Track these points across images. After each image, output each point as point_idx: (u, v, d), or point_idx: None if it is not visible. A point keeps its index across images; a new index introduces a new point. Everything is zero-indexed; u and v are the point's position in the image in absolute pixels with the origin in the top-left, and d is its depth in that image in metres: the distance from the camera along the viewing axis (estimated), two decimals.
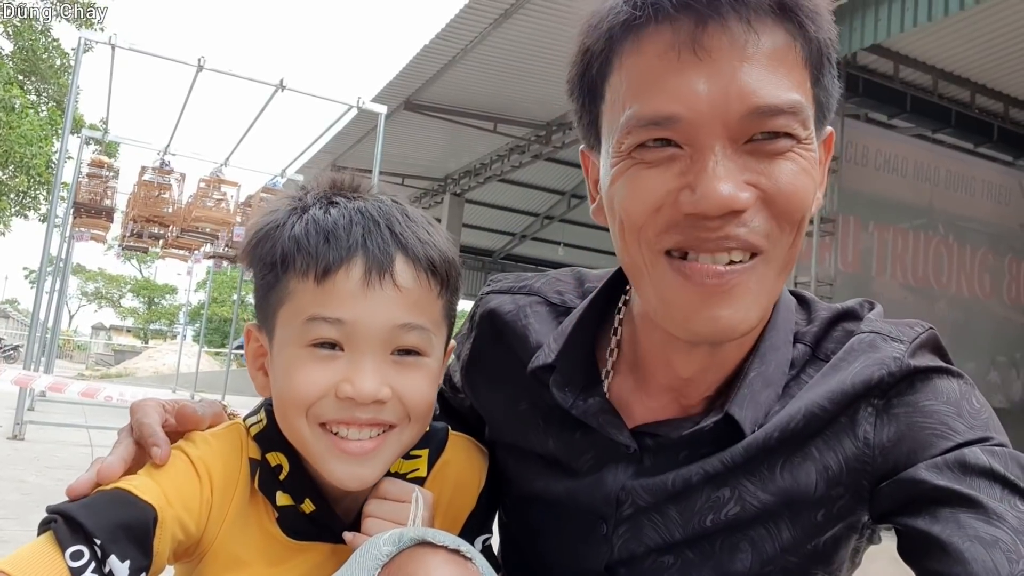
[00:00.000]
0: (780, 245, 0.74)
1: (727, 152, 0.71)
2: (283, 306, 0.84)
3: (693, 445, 0.82)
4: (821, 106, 0.77)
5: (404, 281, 0.83)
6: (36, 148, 16.38)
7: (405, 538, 0.70)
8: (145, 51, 7.48)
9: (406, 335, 0.83)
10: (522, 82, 9.55)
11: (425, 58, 9.04)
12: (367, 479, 0.84)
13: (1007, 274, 8.38)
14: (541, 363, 0.90)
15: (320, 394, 0.81)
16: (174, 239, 11.01)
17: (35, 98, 18.34)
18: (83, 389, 5.40)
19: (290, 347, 0.83)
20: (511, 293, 1.01)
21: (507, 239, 18.29)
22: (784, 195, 0.72)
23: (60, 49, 17.99)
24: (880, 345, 0.80)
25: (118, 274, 50.80)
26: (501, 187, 14.58)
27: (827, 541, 0.80)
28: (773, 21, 0.71)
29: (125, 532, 0.72)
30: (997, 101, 8.10)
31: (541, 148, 11.38)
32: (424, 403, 0.86)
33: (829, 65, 0.76)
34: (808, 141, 0.74)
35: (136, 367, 31.22)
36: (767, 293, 0.76)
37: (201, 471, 0.82)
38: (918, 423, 0.75)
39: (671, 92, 0.70)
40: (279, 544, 0.86)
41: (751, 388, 0.81)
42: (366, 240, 0.82)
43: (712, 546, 0.81)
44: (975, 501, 0.68)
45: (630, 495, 0.84)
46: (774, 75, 0.70)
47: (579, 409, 0.87)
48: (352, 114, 8.61)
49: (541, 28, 8.03)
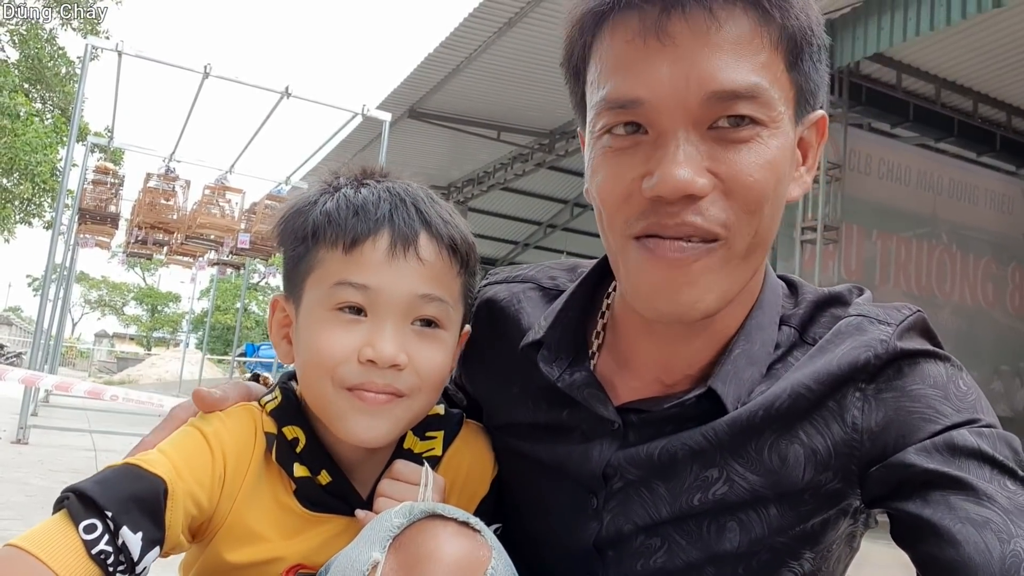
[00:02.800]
0: (740, 233, 0.75)
1: (690, 137, 0.73)
2: (312, 273, 0.89)
3: (677, 420, 0.83)
4: (802, 91, 0.78)
5: (427, 255, 0.88)
6: (41, 155, 16.44)
7: (416, 511, 0.71)
8: (151, 58, 7.53)
9: (426, 305, 0.88)
10: (526, 90, 9.59)
11: (429, 66, 9.09)
12: (380, 434, 0.86)
13: (1010, 283, 8.38)
14: (531, 339, 0.93)
15: (344, 356, 0.85)
16: (178, 246, 11.05)
17: (40, 106, 18.41)
18: (88, 388, 5.43)
19: (316, 310, 0.88)
20: (506, 282, 1.04)
21: (510, 247, 18.32)
22: (742, 184, 0.73)
23: (66, 57, 18.08)
24: (867, 328, 0.81)
25: (121, 281, 50.88)
26: (504, 195, 14.61)
27: (816, 524, 0.81)
28: (738, 8, 0.73)
29: (136, 504, 0.74)
30: (1000, 110, 8.13)
31: (544, 156, 11.41)
32: (437, 373, 0.89)
33: (808, 49, 0.77)
34: (775, 126, 0.74)
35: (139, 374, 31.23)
36: (729, 277, 0.77)
37: (214, 446, 0.84)
38: (906, 407, 0.76)
39: (636, 76, 0.73)
40: (295, 516, 0.88)
41: (735, 365, 0.82)
42: (393, 215, 0.88)
43: (699, 527, 0.82)
44: (965, 483, 0.69)
45: (618, 470, 0.85)
46: (735, 60, 0.72)
47: (565, 383, 0.89)
48: (357, 122, 8.66)
49: (545, 37, 8.06)
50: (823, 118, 0.84)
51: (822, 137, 0.85)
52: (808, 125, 0.82)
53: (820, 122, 0.84)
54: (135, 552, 0.73)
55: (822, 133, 0.85)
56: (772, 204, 0.76)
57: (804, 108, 0.80)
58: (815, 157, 0.85)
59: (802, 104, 0.79)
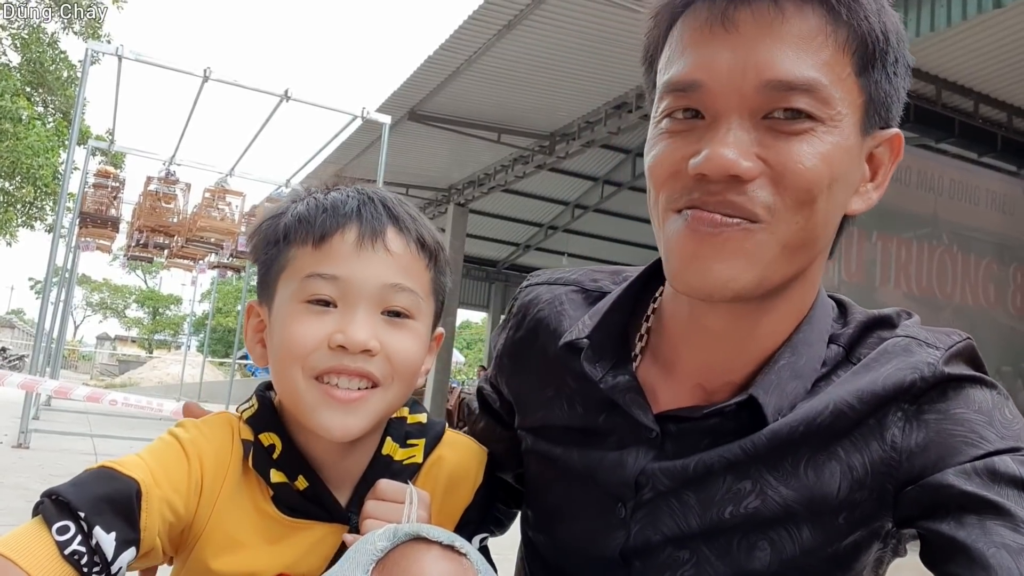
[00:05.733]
0: (785, 221, 0.74)
1: (744, 124, 0.73)
2: (283, 272, 0.90)
3: (715, 432, 0.82)
4: (872, 100, 0.77)
5: (395, 247, 0.90)
6: (43, 159, 16.46)
7: (400, 533, 0.71)
8: (152, 62, 7.53)
9: (396, 295, 0.89)
10: (526, 93, 9.59)
11: (429, 69, 9.09)
12: (353, 429, 0.86)
13: (1012, 283, 8.36)
14: (575, 337, 0.92)
15: (315, 345, 0.85)
16: (179, 249, 11.07)
17: (42, 110, 18.44)
18: (88, 393, 5.44)
19: (288, 304, 0.88)
20: (548, 284, 1.04)
21: (511, 249, 18.32)
22: (792, 172, 0.73)
23: (67, 61, 18.10)
24: (915, 350, 0.79)
25: (123, 284, 50.96)
26: (505, 197, 14.62)
27: (848, 546, 0.79)
28: (807, 5, 0.74)
29: (109, 505, 0.74)
30: (1000, 111, 8.11)
31: (545, 158, 11.41)
32: (409, 362, 0.90)
33: (882, 58, 0.76)
34: (833, 124, 0.74)
35: (140, 377, 31.28)
36: (765, 262, 0.75)
37: (191, 453, 0.84)
38: (948, 430, 0.74)
39: (697, 60, 0.75)
40: (274, 523, 0.88)
41: (779, 376, 0.80)
42: (361, 210, 0.90)
43: (730, 543, 0.81)
44: (1003, 508, 0.67)
45: (650, 479, 0.84)
46: (796, 53, 0.73)
47: (607, 384, 0.88)
48: (356, 124, 8.66)
49: (545, 39, 8.07)
50: (898, 136, 0.82)
51: (896, 155, 0.82)
52: (880, 141, 0.81)
53: (895, 140, 0.82)
54: (108, 552, 0.73)
55: (896, 152, 0.82)
56: (826, 201, 0.75)
57: (874, 119, 0.78)
58: (886, 176, 0.82)
59: (871, 114, 0.78)
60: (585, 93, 9.42)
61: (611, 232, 15.74)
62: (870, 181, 0.82)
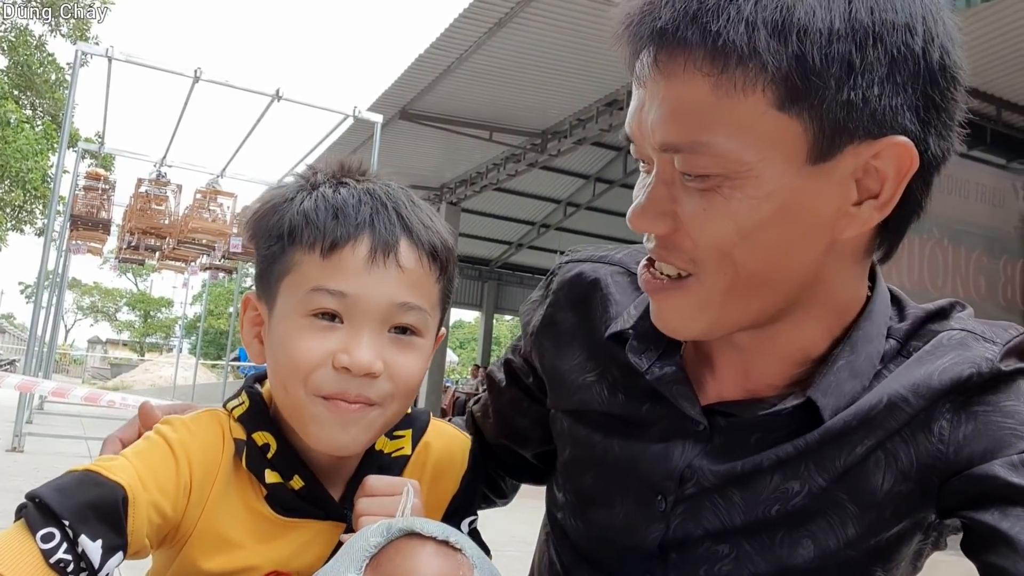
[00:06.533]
0: (710, 272, 0.75)
1: (666, 180, 0.75)
2: (287, 276, 0.86)
3: (766, 429, 0.80)
4: (828, 122, 0.69)
5: (407, 262, 0.86)
6: (32, 162, 16.37)
7: (393, 529, 0.70)
8: (142, 62, 7.50)
9: (405, 314, 0.86)
10: (517, 91, 9.58)
11: (420, 67, 9.07)
12: (354, 442, 0.86)
13: (1002, 276, 8.39)
14: (620, 328, 0.91)
15: (318, 362, 0.83)
16: (170, 251, 11.01)
17: (30, 112, 18.34)
18: (86, 394, 5.44)
19: (291, 316, 0.85)
20: (591, 262, 1.01)
21: (504, 248, 18.30)
22: (694, 229, 0.74)
23: (55, 64, 18.01)
24: (971, 344, 0.78)
25: (114, 288, 50.71)
26: (497, 196, 14.60)
27: (890, 538, 0.78)
28: (684, 62, 0.71)
29: (95, 512, 0.73)
30: (990, 104, 8.14)
31: (537, 156, 11.40)
32: (413, 381, 0.88)
33: (826, 73, 0.67)
34: (741, 176, 0.70)
35: (133, 380, 31.17)
36: (711, 308, 0.76)
37: (179, 453, 0.83)
38: (997, 422, 0.73)
39: (630, 110, 0.78)
40: (268, 522, 0.87)
41: (837, 376, 0.78)
42: (374, 220, 0.85)
43: (772, 539, 0.79)
44: None
45: (696, 474, 0.83)
46: (674, 114, 0.72)
47: (653, 375, 0.87)
48: (348, 124, 8.63)
49: (536, 37, 8.06)
50: (899, 145, 0.70)
51: (903, 165, 0.71)
52: (873, 153, 0.70)
53: (896, 149, 0.70)
54: (95, 560, 0.72)
55: (902, 160, 0.71)
56: (747, 250, 0.72)
57: (837, 140, 0.69)
58: (892, 189, 0.72)
59: (829, 136, 0.69)
60: (576, 90, 9.41)
61: (604, 230, 15.74)
62: (872, 198, 0.73)
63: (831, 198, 0.72)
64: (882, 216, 0.74)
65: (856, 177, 0.72)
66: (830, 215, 0.72)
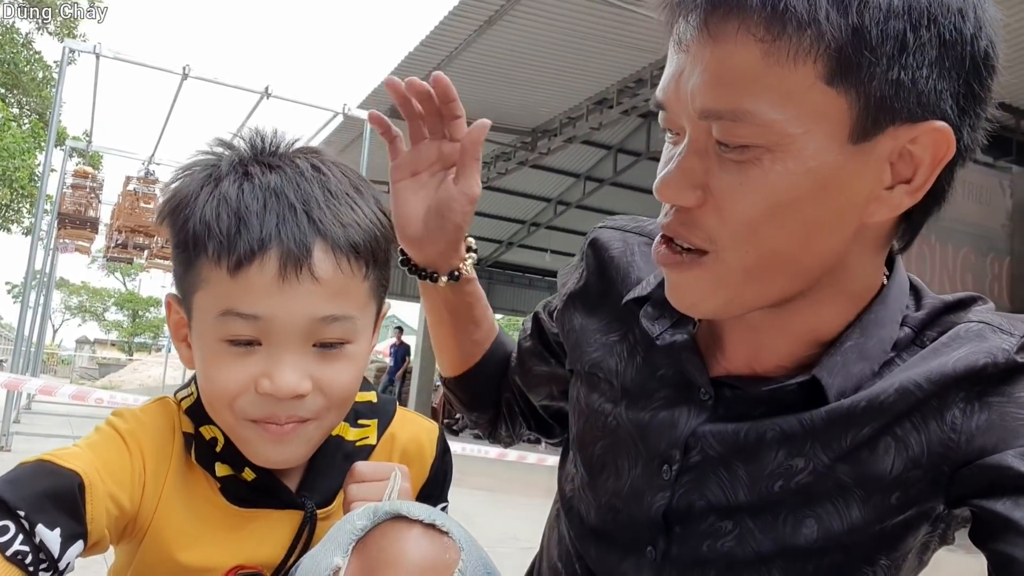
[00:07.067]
0: (731, 250, 0.74)
1: (699, 149, 0.73)
2: (198, 291, 0.81)
3: (771, 403, 0.81)
4: (873, 100, 0.67)
5: (323, 272, 0.79)
6: (19, 161, 16.26)
7: (380, 512, 0.70)
8: (129, 60, 7.45)
9: (327, 328, 0.80)
10: (507, 89, 9.58)
11: (410, 65, 9.06)
12: (292, 459, 0.84)
13: (989, 273, 8.45)
14: (637, 295, 0.92)
15: (239, 390, 0.79)
16: (159, 249, 10.94)
17: (17, 111, 18.22)
18: (74, 392, 5.43)
19: (207, 339, 0.81)
20: (623, 231, 1.03)
21: (494, 247, 18.29)
22: (728, 201, 0.72)
23: (42, 62, 17.89)
24: (988, 335, 0.77)
25: (102, 287, 50.38)
26: (487, 194, 14.58)
27: (896, 526, 0.78)
28: (736, 25, 0.69)
29: (51, 501, 0.72)
30: None
31: (527, 155, 11.40)
32: (347, 392, 0.85)
33: (879, 51, 0.66)
34: (783, 148, 0.69)
35: (121, 380, 30.99)
36: (727, 287, 0.76)
37: (131, 445, 0.81)
38: (1011, 413, 0.73)
39: (665, 77, 0.76)
40: (225, 513, 0.85)
41: (845, 357, 0.78)
42: (280, 230, 0.77)
43: (776, 517, 0.79)
44: None
45: (700, 441, 0.83)
46: (719, 81, 0.70)
47: (665, 341, 0.88)
48: (338, 121, 8.61)
49: (526, 35, 8.06)
50: (938, 131, 0.70)
51: (939, 151, 0.71)
52: (911, 137, 0.70)
53: (934, 134, 0.70)
54: (54, 549, 0.71)
55: (939, 147, 0.71)
56: (775, 227, 0.71)
57: (881, 119, 0.69)
58: (927, 176, 0.72)
59: (873, 116, 0.69)
60: (566, 89, 9.42)
61: None
62: (904, 183, 0.73)
63: (867, 180, 0.72)
64: (913, 202, 0.74)
65: (891, 160, 0.72)
66: (863, 197, 0.72)
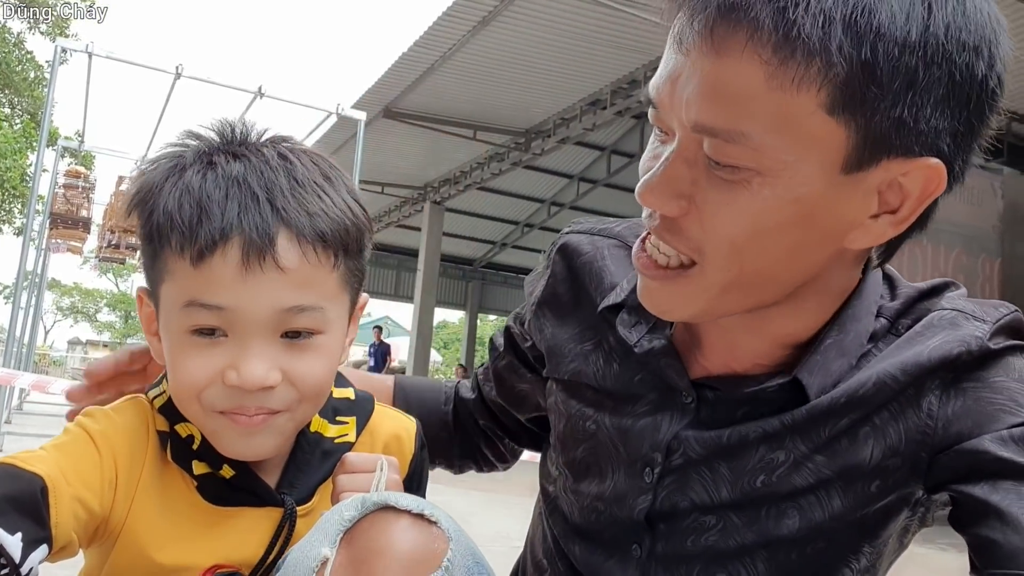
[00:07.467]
0: (715, 266, 0.73)
1: (687, 156, 0.72)
2: (164, 283, 0.80)
3: (752, 404, 0.81)
4: (871, 133, 0.67)
5: (288, 261, 0.76)
6: (10, 161, 16.20)
7: (368, 503, 0.70)
8: (122, 59, 7.42)
9: (294, 318, 0.78)
10: (501, 89, 9.59)
11: (404, 65, 9.06)
12: (262, 451, 0.82)
13: (980, 274, 8.49)
14: (612, 302, 0.92)
15: (206, 382, 0.78)
16: None
17: (8, 111, 18.14)
18: (66, 387, 5.40)
19: (173, 331, 0.79)
20: (590, 234, 1.01)
21: (487, 247, 18.31)
22: (710, 218, 0.71)
23: (34, 61, 17.82)
24: (962, 323, 0.78)
25: (93, 288, 50.19)
26: (481, 195, 14.60)
27: (876, 512, 0.79)
28: (741, 44, 0.67)
29: (12, 504, 0.69)
30: None
31: (521, 156, 11.42)
32: (319, 384, 0.83)
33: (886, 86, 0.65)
34: (774, 173, 0.68)
35: None
36: (706, 298, 0.76)
37: (102, 446, 0.79)
38: (986, 397, 0.74)
39: (658, 75, 0.74)
40: (203, 512, 0.83)
41: (824, 355, 0.79)
42: (242, 219, 0.75)
43: (758, 510, 0.80)
44: None
45: (682, 444, 0.83)
46: (718, 98, 0.68)
47: (643, 348, 0.87)
48: (331, 121, 8.58)
49: (520, 35, 8.06)
50: (931, 168, 0.69)
51: (928, 188, 0.70)
52: (904, 171, 0.69)
53: (927, 171, 0.69)
54: (15, 554, 0.68)
55: (928, 184, 0.70)
56: (756, 251, 0.71)
57: (877, 151, 0.67)
58: (913, 208, 0.72)
59: (869, 147, 0.67)
60: (560, 89, 9.44)
61: None
62: (890, 212, 0.72)
63: (852, 209, 0.71)
64: (896, 233, 0.73)
65: (880, 189, 0.71)
66: (847, 224, 0.72)
